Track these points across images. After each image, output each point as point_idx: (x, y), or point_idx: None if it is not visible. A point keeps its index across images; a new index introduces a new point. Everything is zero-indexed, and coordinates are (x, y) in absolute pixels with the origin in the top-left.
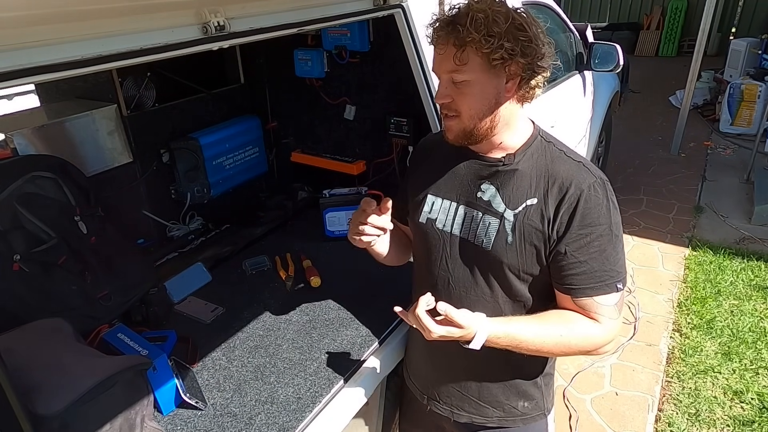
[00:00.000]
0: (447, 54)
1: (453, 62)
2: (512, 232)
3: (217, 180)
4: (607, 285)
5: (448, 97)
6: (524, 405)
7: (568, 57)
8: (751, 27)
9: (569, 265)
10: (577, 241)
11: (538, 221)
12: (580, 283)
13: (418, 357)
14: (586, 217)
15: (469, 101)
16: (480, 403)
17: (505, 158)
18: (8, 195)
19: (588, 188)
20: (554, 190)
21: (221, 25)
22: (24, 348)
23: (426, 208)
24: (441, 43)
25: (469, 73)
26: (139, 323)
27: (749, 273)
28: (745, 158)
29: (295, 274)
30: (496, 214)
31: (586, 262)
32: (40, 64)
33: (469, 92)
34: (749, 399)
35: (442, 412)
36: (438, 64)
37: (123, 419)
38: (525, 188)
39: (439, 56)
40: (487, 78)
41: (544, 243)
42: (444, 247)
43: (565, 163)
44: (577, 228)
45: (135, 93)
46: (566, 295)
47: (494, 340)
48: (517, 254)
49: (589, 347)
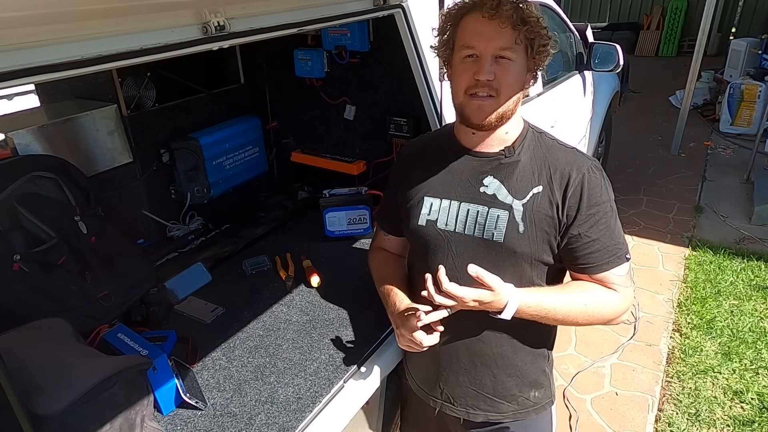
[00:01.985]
0: (506, 31)
1: (511, 40)
2: (523, 221)
3: (217, 180)
4: (618, 257)
5: (492, 74)
6: (536, 395)
7: (568, 57)
8: (751, 27)
9: (584, 246)
10: (588, 221)
11: (548, 207)
12: (596, 260)
13: (425, 361)
14: (591, 197)
15: (510, 82)
16: (495, 399)
17: (504, 151)
18: (8, 195)
19: (588, 171)
20: (557, 177)
21: (221, 25)
22: (24, 348)
23: (424, 211)
24: (501, 16)
25: (516, 54)
26: (139, 323)
27: (749, 273)
28: (745, 158)
29: (295, 274)
30: (503, 206)
31: (599, 239)
32: (40, 64)
33: (511, 71)
34: (749, 399)
35: (456, 414)
36: (489, 38)
37: (123, 419)
38: (528, 178)
39: (492, 30)
40: (524, 63)
41: (555, 228)
42: (449, 246)
43: (561, 151)
44: (586, 209)
45: (135, 93)
46: (583, 275)
47: (524, 308)
48: (529, 242)
49: (611, 315)
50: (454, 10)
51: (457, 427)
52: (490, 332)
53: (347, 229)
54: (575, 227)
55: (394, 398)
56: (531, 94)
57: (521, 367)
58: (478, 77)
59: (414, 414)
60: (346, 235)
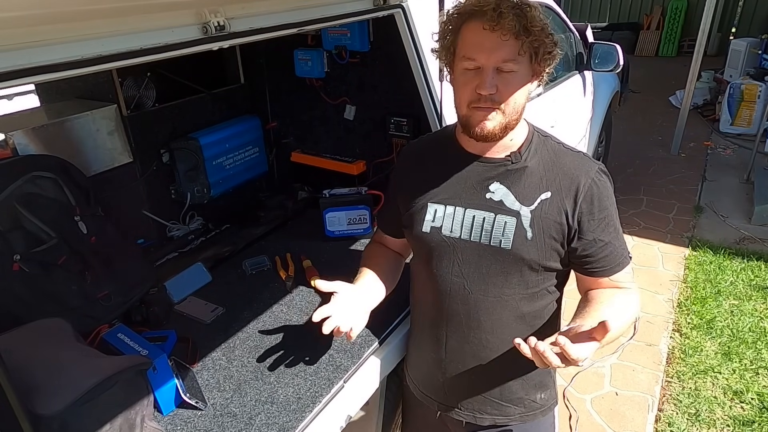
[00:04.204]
0: (509, 42)
1: (514, 51)
2: (531, 228)
3: (217, 180)
4: (625, 258)
5: (494, 88)
6: (542, 396)
7: (568, 57)
8: (751, 27)
9: (599, 250)
10: (600, 225)
11: (556, 214)
12: (610, 263)
13: (429, 366)
14: (601, 202)
15: (513, 94)
16: (502, 403)
17: (511, 156)
18: (8, 195)
19: (596, 175)
20: (566, 183)
21: (221, 25)
22: (24, 348)
23: (428, 217)
24: (503, 28)
25: (520, 65)
26: (139, 323)
27: (749, 273)
28: (745, 158)
29: (295, 274)
30: (511, 212)
31: (610, 242)
32: (40, 64)
33: (515, 83)
34: (749, 399)
35: (462, 418)
36: (490, 50)
37: (123, 419)
38: (536, 183)
39: (493, 41)
40: (529, 73)
41: (564, 234)
42: (455, 253)
43: (568, 155)
44: (597, 213)
45: (135, 93)
46: (598, 278)
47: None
48: (537, 249)
49: (637, 312)
50: (455, 16)
51: (459, 430)
52: (496, 338)
53: (347, 229)
54: (589, 233)
55: (394, 398)
56: (531, 94)
57: (527, 369)
58: (480, 91)
59: (414, 416)
60: (346, 235)
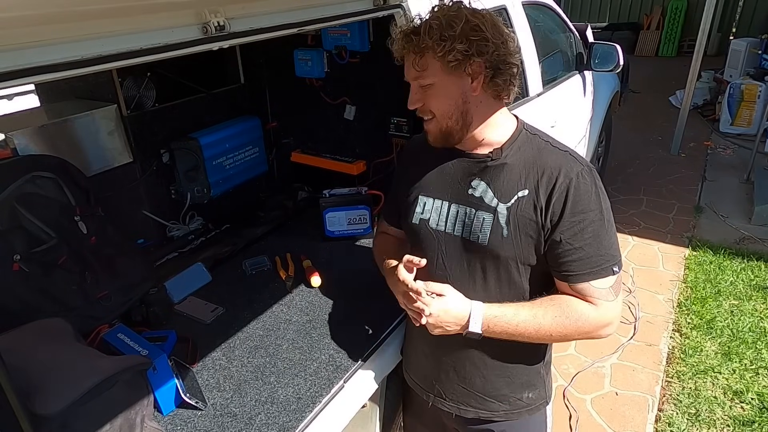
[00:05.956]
0: (409, 62)
1: (414, 69)
2: (507, 225)
3: (217, 180)
4: (602, 269)
5: (419, 102)
6: (529, 396)
7: (568, 57)
8: (751, 27)
9: (565, 253)
10: (571, 228)
11: (531, 211)
12: (577, 269)
13: (419, 355)
14: (577, 204)
15: (437, 102)
16: (485, 398)
17: (492, 153)
18: (8, 195)
19: (576, 176)
20: (544, 180)
21: (221, 25)
22: (24, 348)
23: (418, 209)
24: (404, 53)
25: (431, 77)
26: (139, 323)
27: (749, 273)
28: (745, 158)
29: (295, 274)
30: (489, 209)
31: (581, 248)
32: (40, 64)
33: (434, 94)
34: (749, 399)
35: (447, 409)
36: (405, 73)
37: (123, 419)
38: (515, 181)
39: (409, 61)
40: (450, 79)
41: (539, 232)
42: (439, 246)
43: (552, 153)
44: (570, 215)
45: (135, 93)
46: (563, 282)
47: (491, 320)
48: (513, 246)
49: (587, 328)
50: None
51: (449, 420)
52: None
53: (347, 229)
54: (557, 233)
55: (394, 398)
56: (531, 94)
57: (512, 368)
58: (409, 107)
59: (413, 404)
60: (346, 235)
